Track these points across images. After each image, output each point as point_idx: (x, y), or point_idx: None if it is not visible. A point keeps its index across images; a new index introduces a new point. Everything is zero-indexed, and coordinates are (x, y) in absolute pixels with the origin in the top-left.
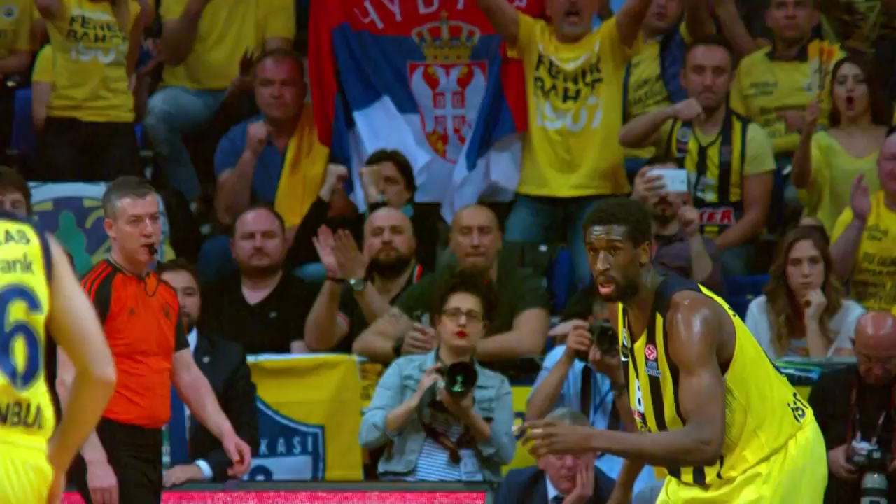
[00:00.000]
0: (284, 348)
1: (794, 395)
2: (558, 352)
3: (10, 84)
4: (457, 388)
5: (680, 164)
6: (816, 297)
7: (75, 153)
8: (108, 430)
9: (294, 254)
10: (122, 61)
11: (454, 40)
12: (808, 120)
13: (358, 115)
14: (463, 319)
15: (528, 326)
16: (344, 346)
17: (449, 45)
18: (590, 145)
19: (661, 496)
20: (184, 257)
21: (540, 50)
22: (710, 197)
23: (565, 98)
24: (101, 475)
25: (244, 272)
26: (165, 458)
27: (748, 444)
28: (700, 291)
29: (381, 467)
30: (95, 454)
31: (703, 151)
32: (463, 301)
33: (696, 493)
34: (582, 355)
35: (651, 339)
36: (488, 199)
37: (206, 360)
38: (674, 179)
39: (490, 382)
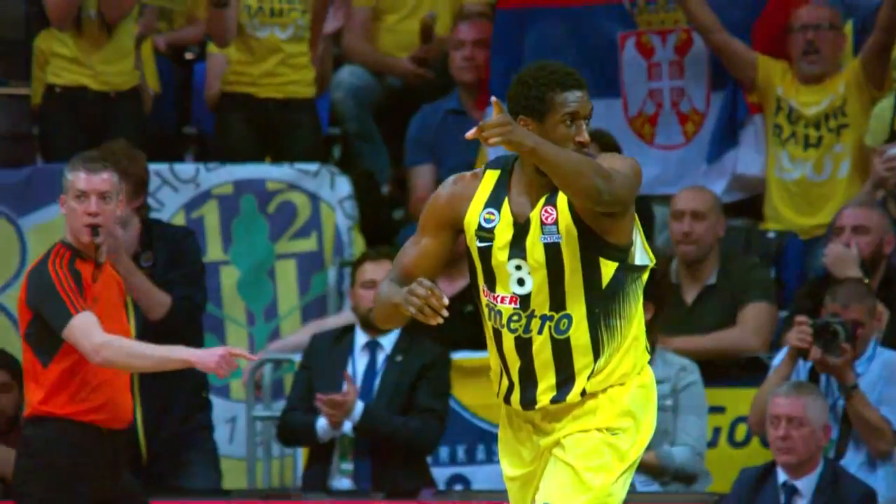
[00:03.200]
0: (483, 345)
1: None
2: (786, 350)
3: (188, 56)
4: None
5: None
6: None
7: (252, 132)
8: (60, 430)
9: None
10: (303, 35)
11: (670, 2)
12: None
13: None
14: None
15: (752, 321)
16: None
17: (664, 9)
18: (834, 197)
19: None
20: (385, 246)
21: (779, 94)
22: None
23: (806, 146)
24: (204, 358)
25: None
26: None
27: (623, 356)
28: None
29: None
30: (183, 353)
31: None
32: None
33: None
34: (804, 354)
35: (551, 201)
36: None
37: (398, 358)
38: None
39: (665, 373)
